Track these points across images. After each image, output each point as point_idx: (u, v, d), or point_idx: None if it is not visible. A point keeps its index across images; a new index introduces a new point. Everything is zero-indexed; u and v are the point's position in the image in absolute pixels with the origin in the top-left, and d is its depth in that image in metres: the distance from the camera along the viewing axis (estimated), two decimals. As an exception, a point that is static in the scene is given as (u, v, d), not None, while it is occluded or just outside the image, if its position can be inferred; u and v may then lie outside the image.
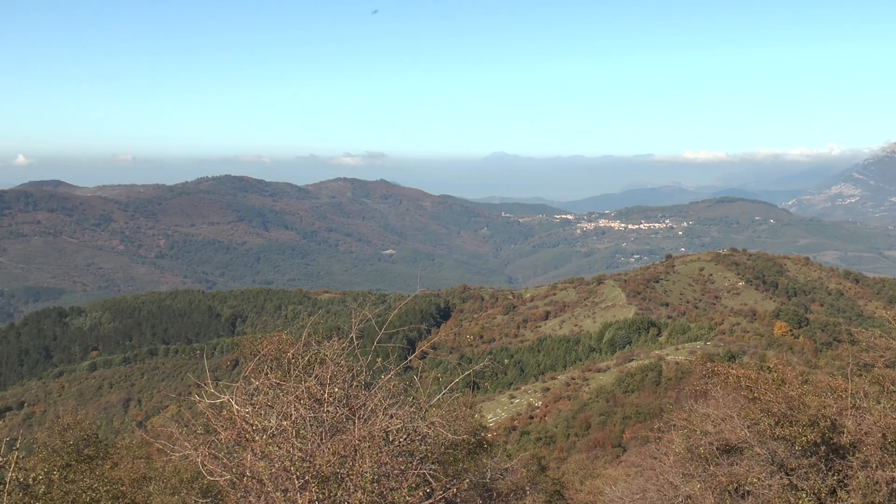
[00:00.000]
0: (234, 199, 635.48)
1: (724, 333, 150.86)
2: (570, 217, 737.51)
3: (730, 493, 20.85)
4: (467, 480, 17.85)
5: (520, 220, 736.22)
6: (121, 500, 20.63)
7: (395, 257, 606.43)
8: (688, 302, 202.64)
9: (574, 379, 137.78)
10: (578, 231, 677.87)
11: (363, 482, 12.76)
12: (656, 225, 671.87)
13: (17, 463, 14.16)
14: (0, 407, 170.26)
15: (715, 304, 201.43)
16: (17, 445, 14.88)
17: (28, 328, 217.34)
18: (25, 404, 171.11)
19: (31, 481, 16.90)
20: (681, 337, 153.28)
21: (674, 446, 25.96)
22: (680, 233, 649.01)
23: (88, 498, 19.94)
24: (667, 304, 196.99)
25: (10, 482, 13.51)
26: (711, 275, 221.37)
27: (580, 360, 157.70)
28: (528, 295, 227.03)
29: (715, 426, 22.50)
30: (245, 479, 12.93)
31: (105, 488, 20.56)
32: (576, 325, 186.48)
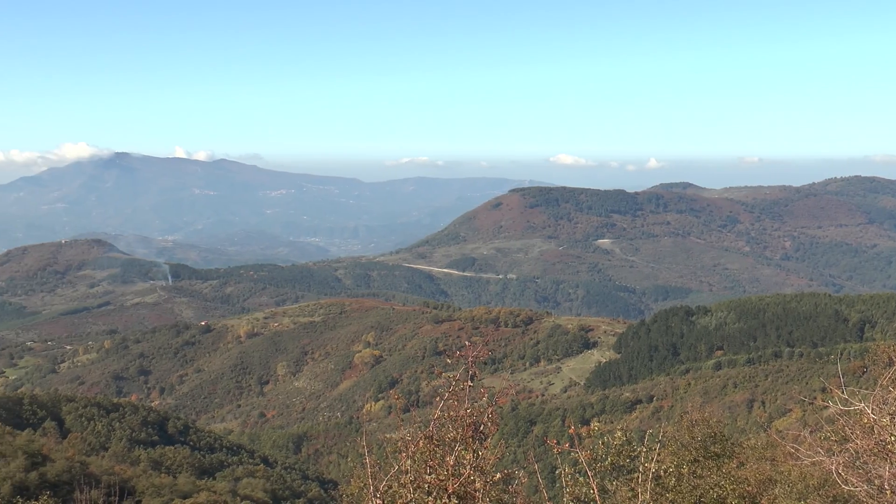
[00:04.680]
0: (863, 200, 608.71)
1: None
2: None
3: None
4: None
5: None
6: (747, 500, 20.64)
7: None
8: None
9: None
10: None
11: None
12: None
13: (653, 455, 14.73)
14: (631, 399, 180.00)
15: None
16: (659, 439, 15.50)
17: (657, 325, 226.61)
18: (654, 398, 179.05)
19: (662, 473, 17.54)
20: None
21: None
22: None
23: (715, 494, 20.22)
24: None
25: (646, 472, 14.07)
26: None
27: None
28: None
29: None
30: (888, 493, 12.11)
31: (731, 487, 20.71)
32: None
